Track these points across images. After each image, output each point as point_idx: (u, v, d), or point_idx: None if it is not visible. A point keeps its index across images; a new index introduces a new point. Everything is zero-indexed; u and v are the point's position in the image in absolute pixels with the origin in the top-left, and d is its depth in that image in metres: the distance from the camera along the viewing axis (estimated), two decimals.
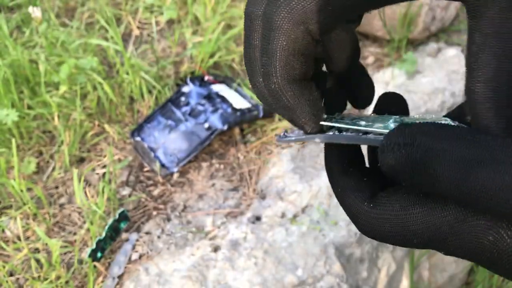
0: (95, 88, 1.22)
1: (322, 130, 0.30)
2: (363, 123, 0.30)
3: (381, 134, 0.27)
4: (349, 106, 0.37)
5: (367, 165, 0.31)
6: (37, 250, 1.02)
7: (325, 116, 0.32)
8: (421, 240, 0.25)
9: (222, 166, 1.17)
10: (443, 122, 0.28)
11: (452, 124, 0.28)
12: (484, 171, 0.21)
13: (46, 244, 1.02)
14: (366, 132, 0.28)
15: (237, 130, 1.22)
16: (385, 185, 0.27)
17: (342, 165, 0.29)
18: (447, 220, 0.24)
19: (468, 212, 0.23)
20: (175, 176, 1.15)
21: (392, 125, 0.28)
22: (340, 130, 0.30)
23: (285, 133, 0.32)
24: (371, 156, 0.32)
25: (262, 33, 0.27)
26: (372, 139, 0.27)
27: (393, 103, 0.33)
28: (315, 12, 0.25)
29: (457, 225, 0.24)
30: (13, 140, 1.07)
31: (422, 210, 0.24)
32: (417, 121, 0.25)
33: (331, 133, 0.30)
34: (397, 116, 0.30)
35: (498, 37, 0.23)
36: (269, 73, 0.27)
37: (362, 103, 0.35)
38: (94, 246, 0.97)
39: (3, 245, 1.01)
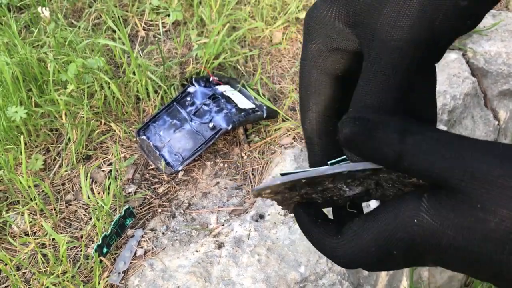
0: (102, 87, 1.25)
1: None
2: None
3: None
4: None
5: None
6: (43, 245, 1.04)
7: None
8: (376, 245, 0.31)
9: (226, 165, 1.19)
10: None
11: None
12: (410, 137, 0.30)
13: (53, 239, 1.04)
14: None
15: (241, 130, 1.24)
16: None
17: (312, 219, 0.36)
18: (385, 222, 0.31)
19: (399, 211, 0.30)
20: (180, 174, 1.17)
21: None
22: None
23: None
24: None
25: (303, 92, 0.38)
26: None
27: None
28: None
29: (393, 222, 0.30)
30: (22, 137, 1.09)
31: (370, 224, 0.32)
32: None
33: (287, 177, 0.36)
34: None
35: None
36: (305, 120, 0.38)
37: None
38: (100, 242, 0.99)
39: (11, 240, 1.02)
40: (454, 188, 0.28)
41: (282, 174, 0.38)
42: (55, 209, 1.09)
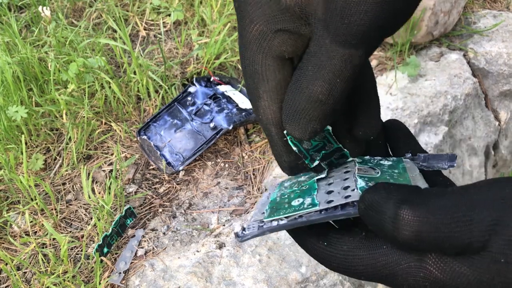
0: (102, 87, 1.24)
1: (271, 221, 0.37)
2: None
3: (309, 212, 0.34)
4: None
5: None
6: (44, 245, 1.04)
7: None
8: (366, 278, 0.30)
9: (227, 165, 1.19)
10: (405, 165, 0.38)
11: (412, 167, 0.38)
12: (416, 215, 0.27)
13: (53, 239, 1.03)
14: (300, 216, 0.34)
15: (242, 130, 1.24)
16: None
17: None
18: (385, 263, 0.29)
19: (401, 256, 0.29)
20: (181, 174, 1.17)
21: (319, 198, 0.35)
22: (283, 218, 0.36)
23: (243, 231, 0.38)
24: None
25: (249, 80, 0.34)
26: (302, 221, 0.34)
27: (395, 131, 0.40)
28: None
29: (393, 267, 0.29)
30: (22, 137, 1.08)
31: (364, 253, 0.30)
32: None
33: (275, 224, 0.36)
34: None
35: None
36: (258, 110, 0.35)
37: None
38: (100, 242, 0.99)
39: (11, 239, 1.02)
40: (472, 246, 0.26)
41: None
42: (55, 209, 1.09)
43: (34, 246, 1.00)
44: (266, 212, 0.37)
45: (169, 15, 1.47)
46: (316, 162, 0.40)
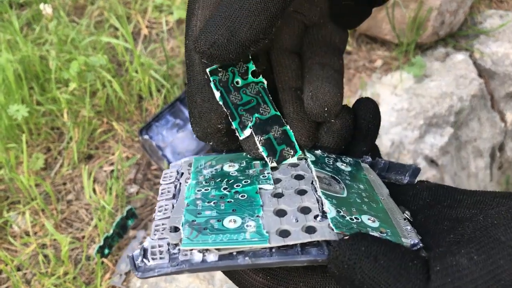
0: (104, 86, 1.23)
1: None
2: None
3: (255, 250, 0.24)
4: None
5: None
6: (44, 246, 1.03)
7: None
8: None
9: None
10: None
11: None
12: None
13: (54, 239, 1.02)
14: (240, 252, 0.24)
15: None
16: None
17: None
18: None
19: None
20: None
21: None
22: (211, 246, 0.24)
23: (144, 259, 0.24)
24: None
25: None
26: (243, 263, 0.23)
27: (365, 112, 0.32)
28: None
29: None
30: (24, 136, 1.07)
31: None
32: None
33: (198, 258, 0.24)
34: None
35: None
36: (188, 30, 0.28)
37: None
38: (101, 243, 0.97)
39: (11, 240, 1.01)
40: None
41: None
42: (56, 209, 1.08)
43: (35, 247, 0.99)
44: (183, 227, 0.24)
45: (172, 13, 1.46)
46: (248, 131, 0.29)
